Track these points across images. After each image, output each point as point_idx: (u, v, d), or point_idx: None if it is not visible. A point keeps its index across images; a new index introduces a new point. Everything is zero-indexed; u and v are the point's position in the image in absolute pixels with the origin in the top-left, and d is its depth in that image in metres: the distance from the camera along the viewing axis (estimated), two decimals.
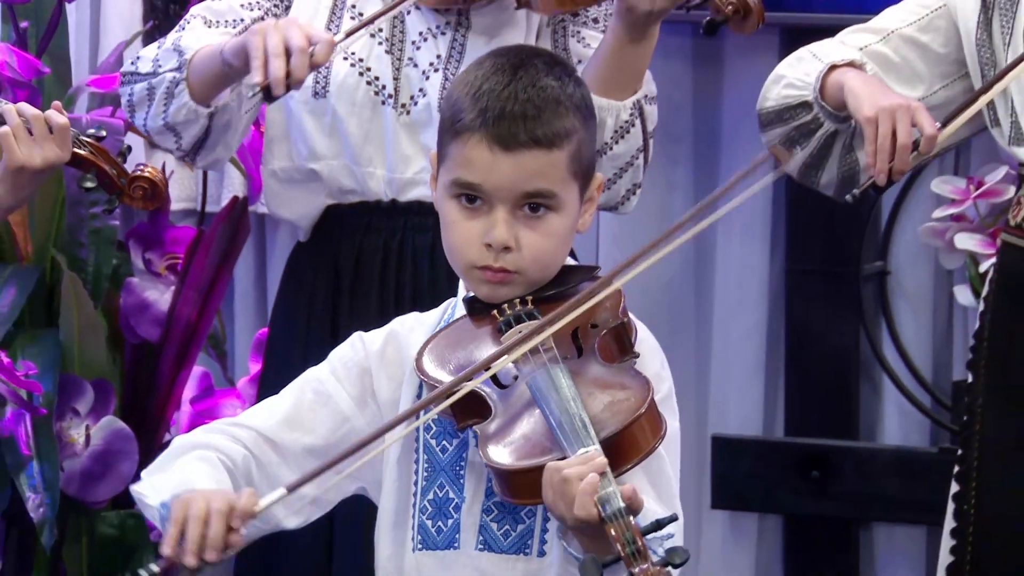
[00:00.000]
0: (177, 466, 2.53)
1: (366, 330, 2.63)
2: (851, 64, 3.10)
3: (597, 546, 2.29)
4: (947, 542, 3.19)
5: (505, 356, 2.42)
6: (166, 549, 2.31)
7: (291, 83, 3.04)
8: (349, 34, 3.17)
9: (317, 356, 2.72)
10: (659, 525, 2.25)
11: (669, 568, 2.22)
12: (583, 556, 2.31)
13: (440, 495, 2.52)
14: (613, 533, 2.23)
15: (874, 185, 2.97)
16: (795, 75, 3.17)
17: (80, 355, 3.80)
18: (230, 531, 2.34)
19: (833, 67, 3.09)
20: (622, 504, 2.24)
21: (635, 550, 2.22)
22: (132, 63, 3.32)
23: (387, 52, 3.21)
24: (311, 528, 2.55)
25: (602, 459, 2.31)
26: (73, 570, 3.80)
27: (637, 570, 2.21)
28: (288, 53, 3.03)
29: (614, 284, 2.47)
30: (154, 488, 2.48)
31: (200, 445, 2.56)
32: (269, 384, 3.29)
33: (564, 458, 2.34)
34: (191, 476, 2.50)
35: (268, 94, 3.05)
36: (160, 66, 3.23)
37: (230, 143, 3.32)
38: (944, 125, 2.96)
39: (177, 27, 3.31)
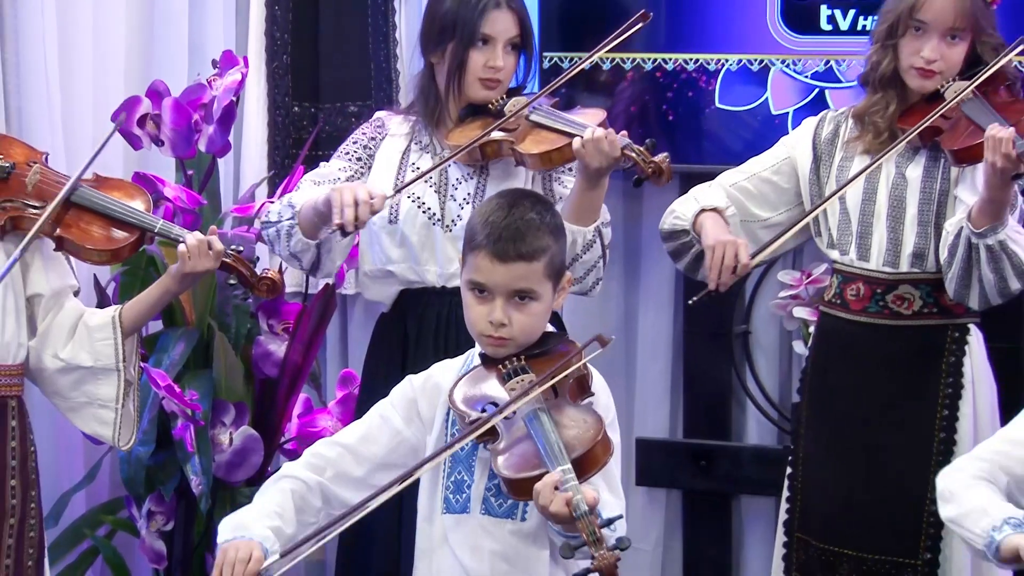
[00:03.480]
0: (256, 502, 2.78)
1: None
2: (715, 209, 3.51)
3: (569, 530, 2.56)
4: (783, 506, 3.71)
5: (512, 405, 2.69)
6: None
7: (358, 225, 3.36)
8: (396, 192, 3.54)
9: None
10: (610, 522, 2.52)
11: (617, 551, 2.47)
12: (561, 540, 2.56)
13: (459, 477, 2.83)
14: (580, 527, 2.50)
15: (710, 292, 3.42)
16: (681, 211, 3.60)
17: (226, 386, 4.26)
18: None
19: (703, 210, 3.54)
20: (586, 507, 2.50)
21: (596, 539, 2.47)
22: (265, 215, 3.65)
23: (436, 192, 3.61)
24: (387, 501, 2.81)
25: (557, 476, 2.53)
26: None
27: (596, 553, 2.46)
28: (356, 204, 3.36)
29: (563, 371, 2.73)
30: (225, 527, 2.73)
31: (288, 476, 2.83)
32: (363, 405, 3.59)
33: (547, 472, 2.58)
34: (252, 515, 2.72)
35: (343, 231, 3.41)
36: (281, 217, 3.59)
37: (335, 261, 3.63)
38: (754, 256, 3.43)
39: (296, 188, 3.68)
